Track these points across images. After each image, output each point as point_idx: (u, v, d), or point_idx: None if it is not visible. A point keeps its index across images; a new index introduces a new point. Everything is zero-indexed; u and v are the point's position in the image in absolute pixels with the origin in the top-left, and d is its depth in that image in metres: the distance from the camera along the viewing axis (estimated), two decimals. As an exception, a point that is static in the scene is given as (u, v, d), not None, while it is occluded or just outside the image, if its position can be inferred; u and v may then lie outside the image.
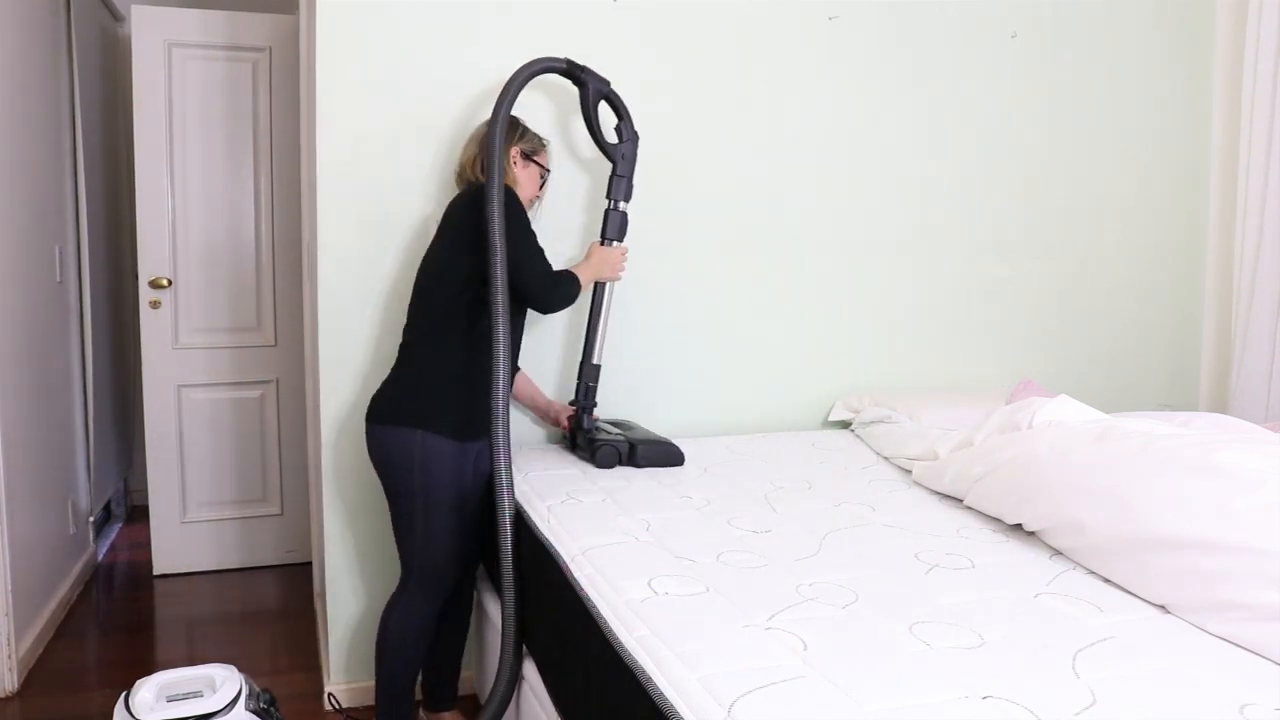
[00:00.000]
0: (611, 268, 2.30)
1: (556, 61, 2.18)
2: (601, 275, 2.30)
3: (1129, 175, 3.05)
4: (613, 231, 2.32)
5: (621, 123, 2.30)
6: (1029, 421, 2.04)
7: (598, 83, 2.24)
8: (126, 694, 1.84)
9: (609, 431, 2.34)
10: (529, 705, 1.85)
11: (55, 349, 3.08)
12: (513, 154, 2.16)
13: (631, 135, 2.30)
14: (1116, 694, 1.17)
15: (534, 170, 2.21)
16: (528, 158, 2.19)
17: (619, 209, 2.31)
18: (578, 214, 2.52)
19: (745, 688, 1.16)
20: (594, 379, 2.36)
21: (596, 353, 2.35)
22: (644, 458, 2.25)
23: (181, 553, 3.41)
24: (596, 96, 2.25)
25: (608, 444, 2.25)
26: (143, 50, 3.24)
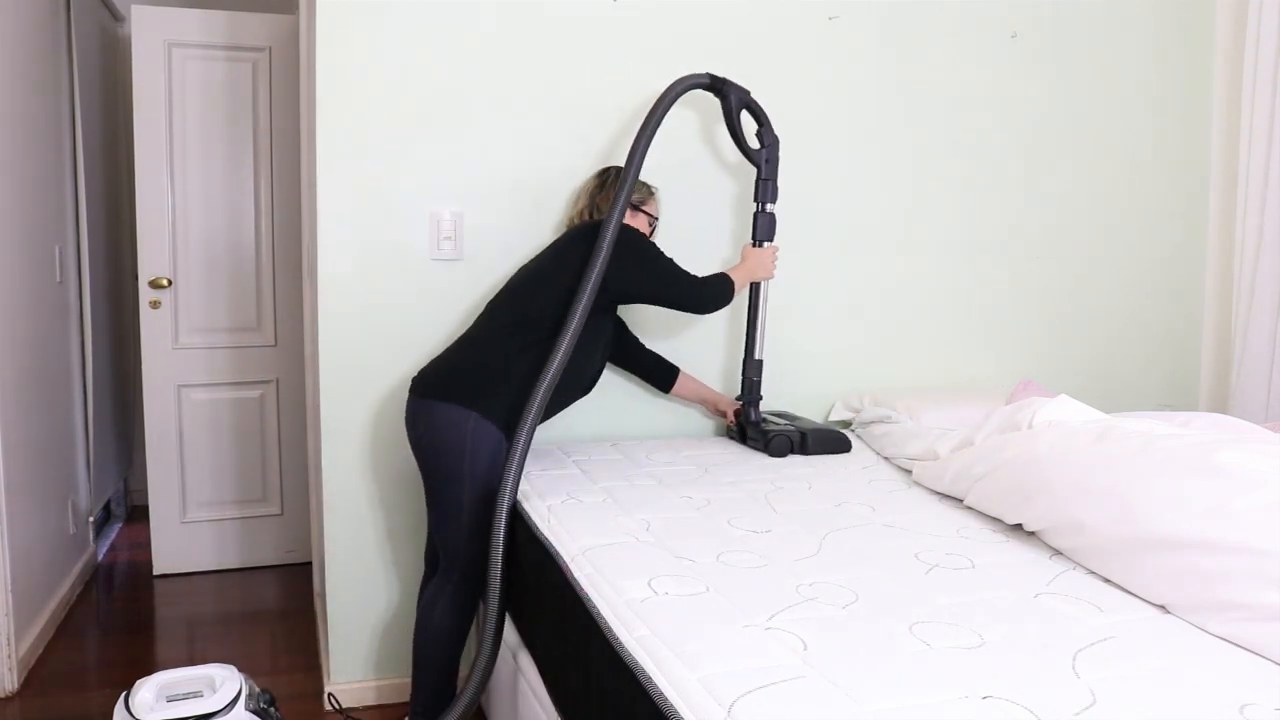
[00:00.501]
0: (765, 267, 2.38)
1: (700, 77, 2.24)
2: (756, 275, 2.37)
3: (1129, 175, 3.05)
4: (763, 233, 2.40)
5: (762, 129, 2.37)
6: (1029, 421, 2.04)
7: (739, 93, 2.30)
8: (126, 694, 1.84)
9: (776, 423, 2.45)
10: (528, 705, 1.85)
11: (55, 349, 3.09)
12: None
13: (772, 140, 2.37)
14: (1116, 694, 1.17)
15: (642, 219, 2.29)
16: (635, 208, 2.27)
17: (766, 210, 2.39)
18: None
19: (745, 688, 1.16)
20: (757, 373, 2.46)
21: (758, 349, 2.46)
22: (815, 445, 2.37)
23: (181, 553, 3.41)
24: (739, 105, 2.31)
25: (781, 434, 2.36)
26: (143, 50, 3.24)
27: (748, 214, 2.52)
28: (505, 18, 2.43)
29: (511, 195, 2.46)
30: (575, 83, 2.50)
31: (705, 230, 2.60)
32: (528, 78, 2.46)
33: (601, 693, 1.40)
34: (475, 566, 2.03)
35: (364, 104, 2.34)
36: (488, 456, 1.99)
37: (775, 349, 2.73)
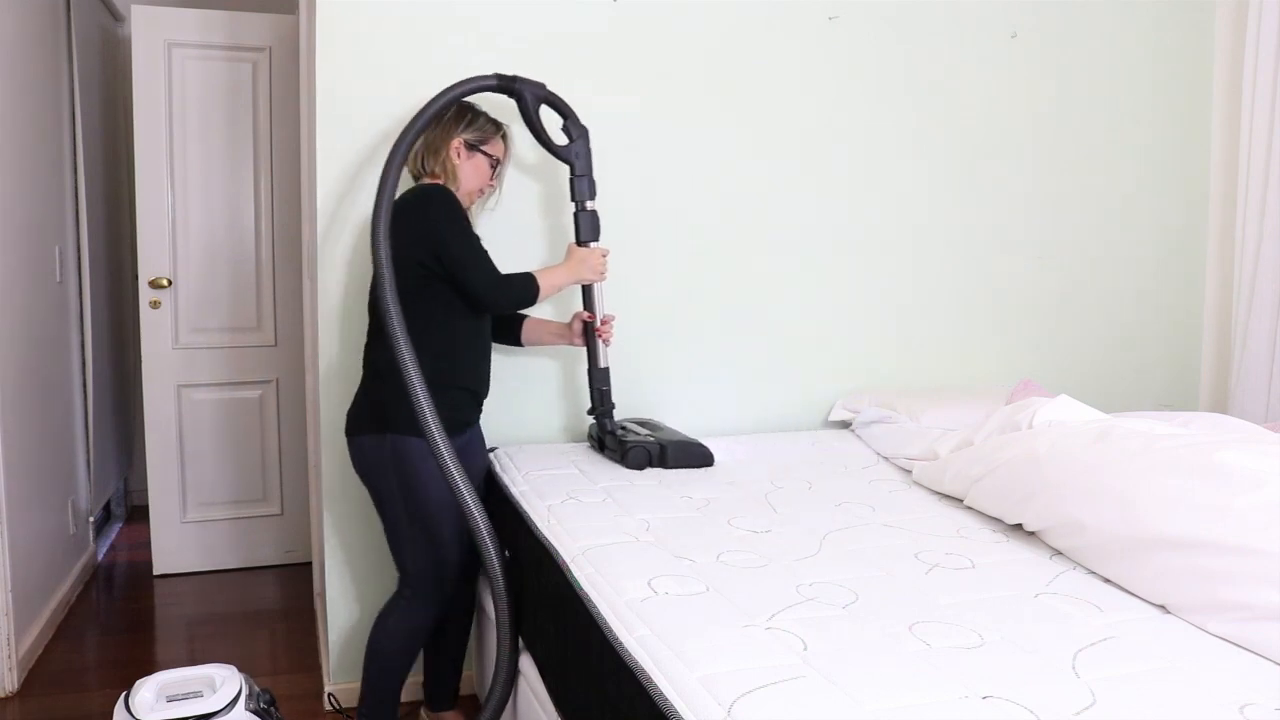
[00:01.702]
0: (591, 269, 2.21)
1: (485, 79, 2.09)
2: (581, 277, 2.21)
3: (1129, 175, 3.05)
4: (587, 233, 2.24)
5: (568, 122, 2.21)
6: (1029, 421, 2.04)
7: (533, 89, 2.15)
8: (126, 694, 1.84)
9: (637, 432, 2.32)
10: (529, 705, 1.85)
11: (55, 349, 3.08)
12: (454, 145, 2.08)
13: (581, 132, 2.22)
14: (1116, 694, 1.17)
15: (480, 160, 2.11)
16: (473, 148, 2.10)
17: (586, 208, 2.24)
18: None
19: (745, 687, 1.16)
20: (605, 382, 2.34)
21: (601, 356, 2.32)
22: (674, 459, 2.23)
23: (181, 553, 3.41)
24: (536, 103, 2.16)
25: (639, 445, 2.23)
26: (143, 50, 3.24)
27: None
28: (505, 17, 2.43)
29: (511, 194, 2.46)
30: (574, 81, 2.50)
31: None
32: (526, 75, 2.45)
33: (602, 693, 1.40)
34: (424, 583, 2.04)
35: (363, 103, 2.34)
36: (417, 471, 1.96)
37: (775, 349, 2.73)
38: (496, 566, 1.91)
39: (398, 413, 1.95)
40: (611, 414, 2.36)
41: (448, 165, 2.09)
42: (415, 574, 2.05)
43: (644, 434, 2.30)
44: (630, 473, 2.21)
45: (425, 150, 2.10)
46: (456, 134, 2.09)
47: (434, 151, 2.09)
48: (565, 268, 2.19)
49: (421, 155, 2.11)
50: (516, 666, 1.92)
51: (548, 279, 2.12)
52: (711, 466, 2.27)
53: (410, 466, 1.97)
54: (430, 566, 2.04)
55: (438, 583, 2.06)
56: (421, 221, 1.98)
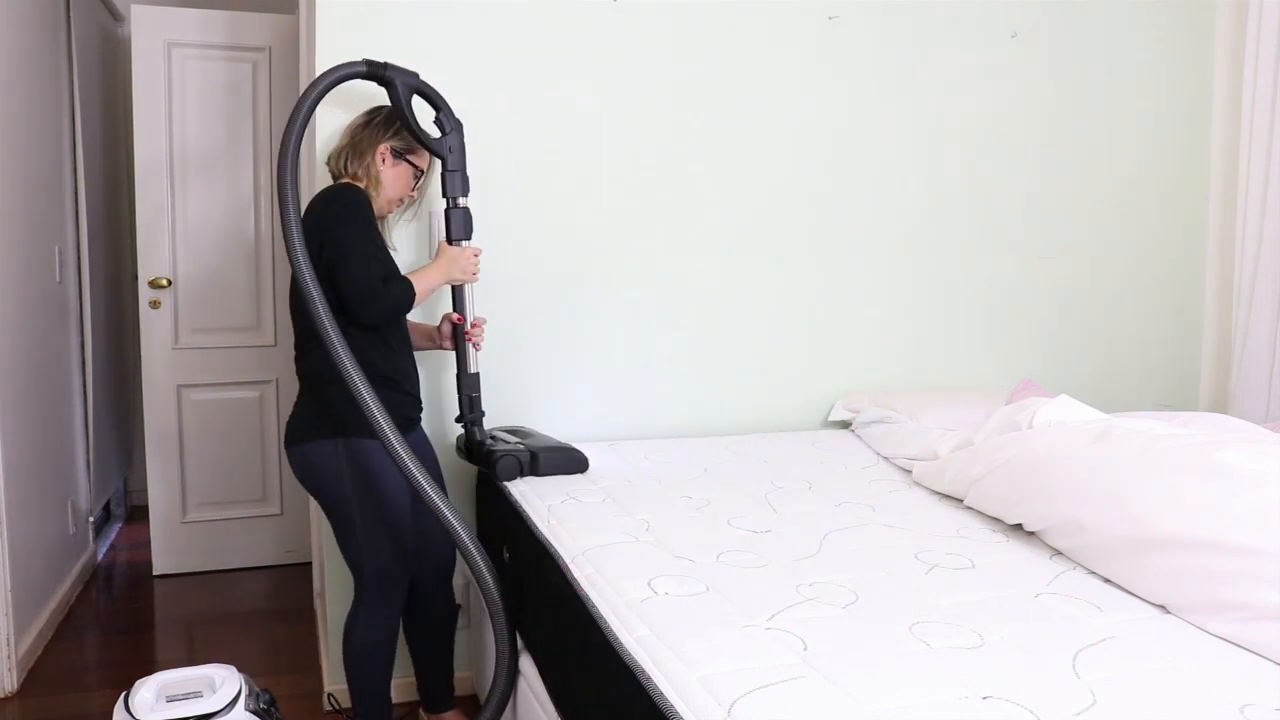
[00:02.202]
0: (463, 269, 2.12)
1: (355, 65, 1.99)
2: (453, 278, 2.12)
3: (1129, 175, 3.05)
4: (459, 231, 2.14)
5: (441, 114, 2.11)
6: (1029, 421, 2.04)
7: (405, 77, 2.03)
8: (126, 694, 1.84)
9: (506, 441, 2.21)
10: (528, 705, 1.85)
11: (55, 349, 3.08)
12: (381, 151, 2.03)
13: (455, 125, 2.11)
14: (1116, 694, 1.17)
15: (405, 169, 2.07)
16: (399, 155, 2.06)
17: (459, 205, 2.14)
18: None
19: (745, 688, 1.16)
20: (475, 389, 2.22)
21: (471, 361, 2.21)
22: (546, 466, 2.14)
23: (181, 553, 3.41)
24: (408, 92, 2.03)
25: (508, 454, 2.12)
26: (142, 50, 3.24)
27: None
28: (505, 16, 2.43)
29: (512, 193, 2.46)
30: (574, 82, 2.50)
31: None
32: (526, 77, 2.46)
33: (601, 693, 1.40)
34: (383, 584, 2.01)
35: (363, 103, 2.33)
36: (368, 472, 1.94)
37: (775, 349, 2.73)
38: (480, 564, 1.89)
39: (351, 415, 1.91)
40: (481, 422, 2.25)
41: (371, 169, 2.03)
42: (374, 576, 2.01)
43: (514, 442, 2.19)
44: (630, 473, 2.21)
45: (349, 151, 2.05)
46: (384, 139, 2.04)
47: (359, 154, 2.04)
48: (436, 267, 2.10)
49: (345, 155, 2.05)
50: (516, 666, 1.92)
51: (421, 281, 2.03)
52: (585, 472, 2.18)
53: (370, 467, 1.94)
54: (389, 567, 2.01)
55: (396, 582, 2.04)
56: (325, 221, 1.92)
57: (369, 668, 2.05)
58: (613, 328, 2.57)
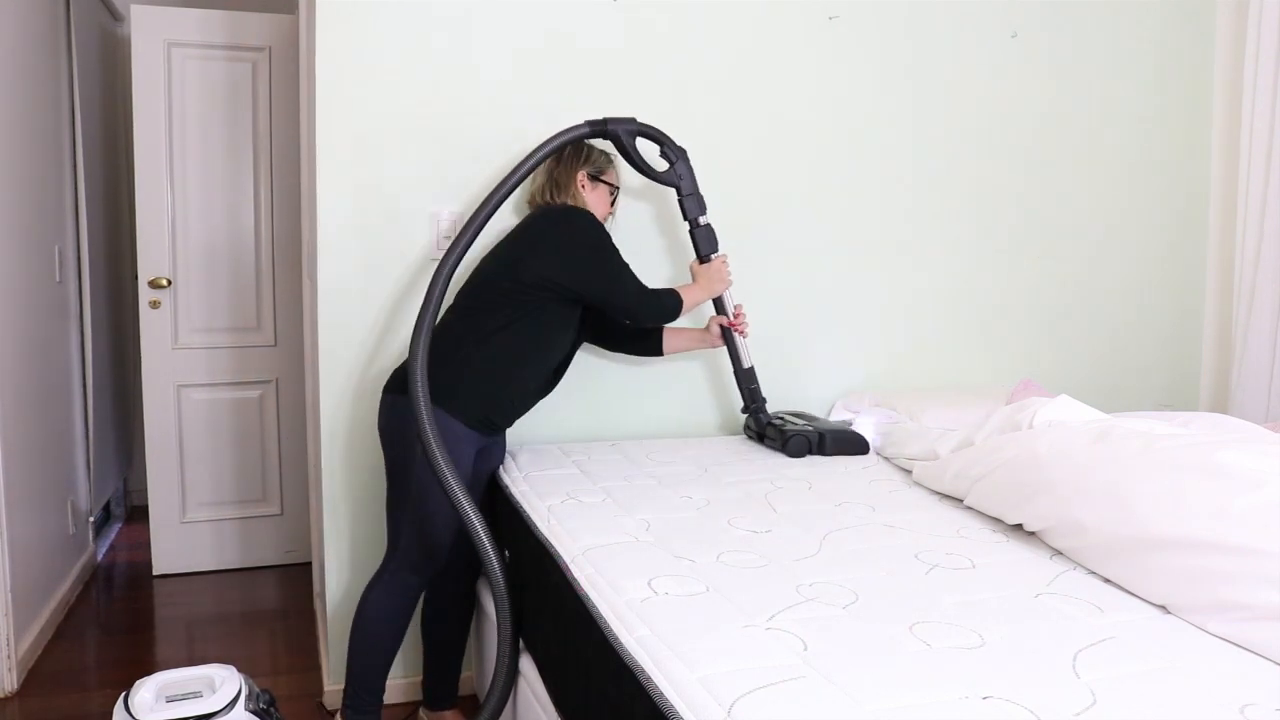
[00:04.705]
0: (720, 280, 2.34)
1: (579, 128, 2.18)
2: (714, 290, 2.34)
3: (1129, 175, 3.05)
4: (706, 248, 2.36)
5: (664, 147, 2.31)
6: (1029, 421, 2.04)
7: (625, 125, 2.24)
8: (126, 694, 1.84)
9: (794, 423, 2.45)
10: (528, 705, 1.85)
11: (55, 349, 3.08)
12: (580, 178, 2.20)
13: (679, 153, 2.32)
14: (1117, 694, 1.17)
15: (603, 190, 2.25)
16: (595, 179, 2.23)
17: (701, 224, 2.35)
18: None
19: (745, 688, 1.16)
20: (753, 381, 2.48)
21: (744, 357, 2.45)
22: (833, 445, 2.38)
23: (181, 553, 3.41)
24: (630, 138, 2.25)
25: (799, 434, 2.37)
26: (142, 50, 3.24)
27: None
28: (505, 17, 2.43)
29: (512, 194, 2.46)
30: (575, 80, 2.50)
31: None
32: (527, 77, 2.46)
33: (601, 693, 1.40)
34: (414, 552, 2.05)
35: (364, 103, 2.34)
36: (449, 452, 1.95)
37: (775, 349, 2.73)
38: (496, 568, 1.90)
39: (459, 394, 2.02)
40: (765, 408, 2.50)
41: (577, 198, 2.20)
42: (409, 545, 2.05)
43: (802, 424, 2.45)
44: (630, 473, 2.21)
45: (550, 187, 2.21)
46: (579, 168, 2.21)
47: (561, 187, 2.20)
48: (699, 286, 2.31)
49: (548, 191, 2.21)
50: (516, 666, 1.92)
51: (689, 297, 2.25)
52: (866, 454, 2.41)
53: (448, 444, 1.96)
54: (425, 539, 2.04)
55: (428, 556, 2.06)
56: (566, 237, 2.07)
57: (373, 638, 2.06)
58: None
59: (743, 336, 2.44)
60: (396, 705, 2.46)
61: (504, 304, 2.05)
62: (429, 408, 1.92)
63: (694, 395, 2.68)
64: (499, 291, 2.06)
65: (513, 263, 2.07)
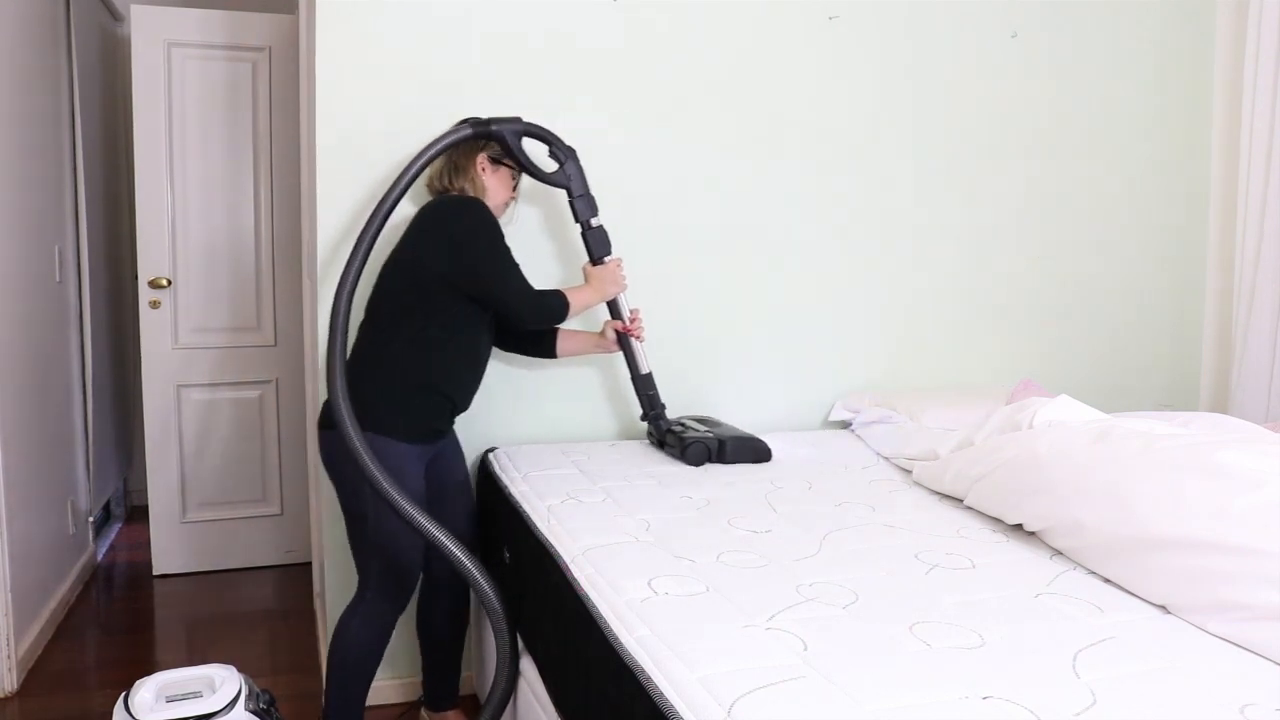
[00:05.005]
0: (614, 282, 2.27)
1: (460, 130, 2.10)
2: (606, 293, 2.26)
3: (1129, 175, 3.05)
4: (599, 250, 2.27)
5: (552, 147, 2.22)
6: (1029, 421, 2.04)
7: (510, 125, 2.13)
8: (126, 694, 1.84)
9: (695, 429, 2.37)
10: (528, 705, 1.85)
11: (55, 349, 3.08)
12: (480, 161, 2.13)
13: (568, 153, 2.23)
14: (1117, 694, 1.17)
15: (504, 173, 2.17)
16: (496, 161, 2.15)
17: (593, 226, 2.27)
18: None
19: (745, 688, 1.16)
20: (651, 387, 2.39)
21: (641, 363, 2.37)
22: (733, 454, 2.29)
23: (181, 553, 3.40)
24: (516, 139, 2.14)
25: (698, 441, 2.29)
26: (142, 50, 3.24)
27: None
28: (504, 17, 2.43)
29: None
30: (574, 81, 2.50)
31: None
32: (527, 77, 2.46)
33: (602, 693, 1.40)
34: (386, 579, 2.02)
35: (363, 103, 2.34)
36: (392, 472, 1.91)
37: (775, 349, 2.73)
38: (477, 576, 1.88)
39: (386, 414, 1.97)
40: (664, 414, 2.41)
41: (477, 181, 2.13)
42: (380, 572, 2.02)
43: (703, 430, 2.36)
44: (630, 473, 2.21)
45: (449, 170, 2.14)
46: (479, 150, 2.14)
47: (460, 170, 2.13)
48: (590, 288, 2.23)
49: (447, 174, 2.14)
50: (517, 667, 1.92)
51: (577, 299, 2.16)
52: (769, 461, 2.32)
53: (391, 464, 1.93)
54: (392, 564, 2.02)
55: (403, 580, 2.04)
56: (455, 231, 1.99)
57: (354, 668, 2.04)
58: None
59: (639, 341, 2.35)
60: (396, 705, 2.46)
61: (412, 311, 1.99)
62: (360, 436, 1.87)
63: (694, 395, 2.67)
64: (403, 302, 2.00)
65: (409, 267, 2.01)
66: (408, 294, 2.00)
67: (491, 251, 2.02)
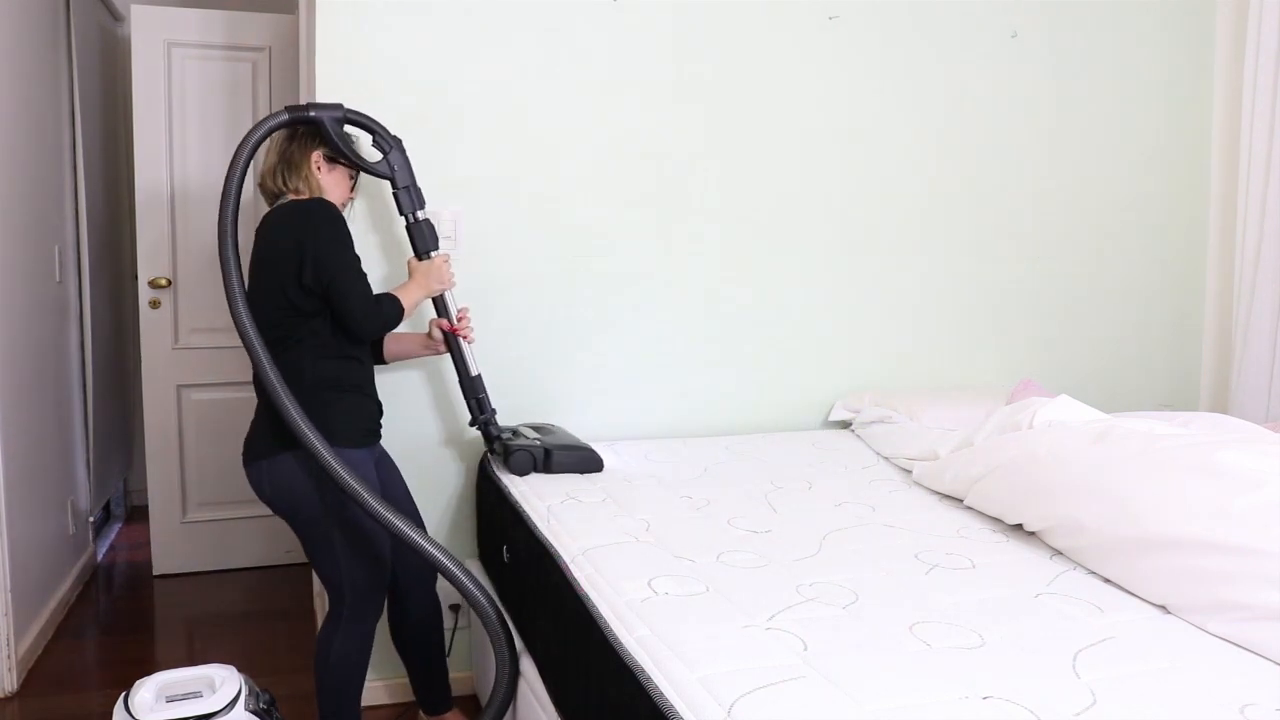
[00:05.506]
0: (440, 278, 2.15)
1: (277, 116, 1.99)
2: (433, 289, 2.15)
3: (1129, 175, 3.05)
4: (426, 244, 2.16)
5: (376, 136, 2.11)
6: (1029, 422, 2.04)
7: (330, 111, 2.02)
8: (126, 694, 1.84)
9: (526, 436, 2.25)
10: (529, 705, 1.85)
11: (55, 349, 3.08)
12: (314, 160, 2.03)
13: (393, 142, 2.12)
14: (1116, 694, 1.17)
15: (341, 172, 2.08)
16: (332, 160, 2.05)
17: (418, 219, 2.15)
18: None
19: (745, 688, 1.16)
20: (481, 390, 2.26)
21: (470, 364, 2.24)
22: (559, 464, 2.16)
23: (181, 553, 3.41)
24: (337, 125, 2.03)
25: (523, 449, 2.16)
26: (142, 50, 3.24)
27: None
28: (504, 17, 2.43)
29: (512, 195, 2.46)
30: (575, 82, 2.50)
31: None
32: (527, 77, 2.46)
33: (602, 693, 1.40)
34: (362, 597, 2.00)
35: (362, 103, 2.33)
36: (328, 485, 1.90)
37: (775, 349, 2.73)
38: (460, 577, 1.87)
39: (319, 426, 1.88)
40: (494, 420, 2.29)
41: (311, 180, 2.03)
42: (354, 594, 1.99)
43: (532, 437, 2.23)
44: (629, 473, 2.21)
45: (283, 168, 2.03)
46: (314, 147, 2.03)
47: (294, 168, 2.03)
48: (416, 284, 2.12)
49: (280, 173, 2.03)
50: (517, 669, 1.92)
51: (406, 298, 2.06)
52: (600, 472, 2.19)
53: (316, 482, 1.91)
54: (369, 583, 1.99)
55: (374, 597, 2.02)
56: (306, 237, 1.90)
57: (342, 685, 2.03)
58: (612, 328, 2.57)
59: (467, 342, 2.24)
60: (396, 705, 2.46)
61: (298, 323, 1.93)
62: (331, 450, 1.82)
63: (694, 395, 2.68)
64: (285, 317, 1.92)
65: (274, 286, 1.92)
66: (282, 309, 1.92)
67: (340, 258, 1.93)
